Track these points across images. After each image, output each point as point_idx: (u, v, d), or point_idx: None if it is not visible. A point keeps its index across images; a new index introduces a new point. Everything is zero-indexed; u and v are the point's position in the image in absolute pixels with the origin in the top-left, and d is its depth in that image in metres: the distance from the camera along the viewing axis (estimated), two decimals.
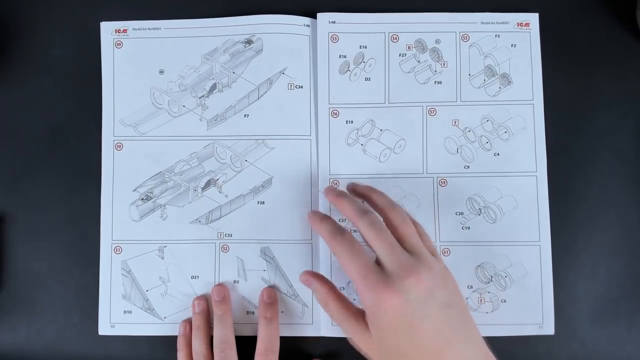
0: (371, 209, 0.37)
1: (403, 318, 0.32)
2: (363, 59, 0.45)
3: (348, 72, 0.45)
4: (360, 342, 0.36)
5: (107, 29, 0.46)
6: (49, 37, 0.47)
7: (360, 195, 0.41)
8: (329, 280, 0.39)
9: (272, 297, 0.44)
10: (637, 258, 0.44)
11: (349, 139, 0.45)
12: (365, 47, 0.45)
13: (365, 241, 0.36)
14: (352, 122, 0.45)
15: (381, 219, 0.36)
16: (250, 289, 0.45)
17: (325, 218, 0.38)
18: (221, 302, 0.43)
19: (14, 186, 0.46)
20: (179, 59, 0.46)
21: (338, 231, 0.36)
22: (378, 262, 0.35)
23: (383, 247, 0.34)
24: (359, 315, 0.36)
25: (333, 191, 0.40)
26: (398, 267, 0.33)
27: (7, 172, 0.46)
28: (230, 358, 0.41)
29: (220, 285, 0.44)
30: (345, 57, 0.45)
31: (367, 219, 0.35)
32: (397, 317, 0.32)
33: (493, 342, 0.43)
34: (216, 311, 0.43)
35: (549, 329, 0.43)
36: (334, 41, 0.45)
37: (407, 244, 0.35)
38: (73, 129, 0.46)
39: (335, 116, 0.45)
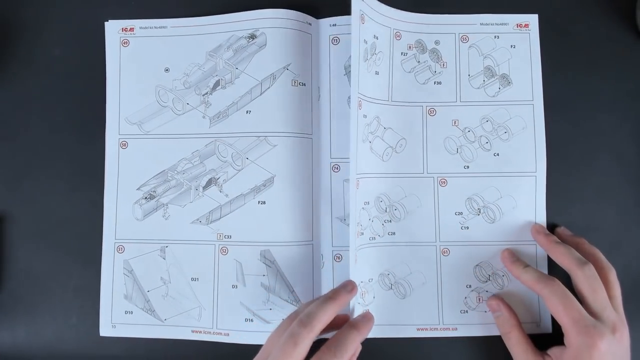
0: (588, 262, 0.39)
1: None
2: (375, 50, 0.44)
3: (366, 62, 0.44)
4: None
5: (114, 27, 0.46)
6: (51, 37, 0.47)
7: (569, 243, 0.42)
8: (514, 310, 0.42)
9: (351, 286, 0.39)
10: (637, 258, 0.44)
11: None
12: (377, 38, 0.44)
13: (578, 288, 0.39)
14: (365, 116, 0.44)
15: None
16: (249, 294, 0.44)
17: (527, 266, 0.41)
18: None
19: (14, 186, 0.46)
20: (184, 57, 0.45)
21: (547, 278, 0.39)
22: (587, 309, 0.38)
23: (601, 300, 0.38)
24: (537, 352, 0.40)
25: (546, 236, 0.42)
26: (611, 321, 0.38)
27: (7, 172, 0.46)
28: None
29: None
30: (367, 42, 0.43)
31: (588, 270, 0.39)
32: None
33: (491, 342, 0.43)
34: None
35: (546, 327, 0.43)
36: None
37: (613, 304, 0.39)
38: (74, 129, 0.46)
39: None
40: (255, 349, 0.42)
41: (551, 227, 0.44)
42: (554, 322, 0.43)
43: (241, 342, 0.43)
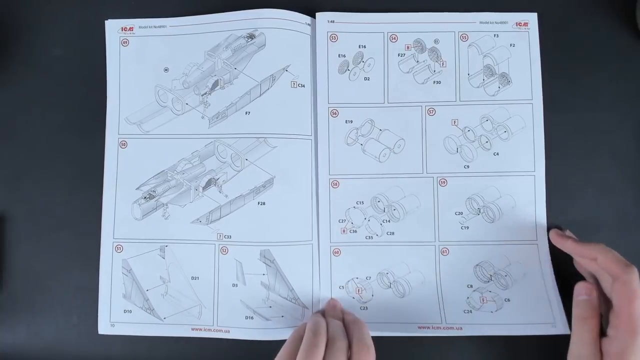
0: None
1: None
2: (362, 58, 0.45)
3: (347, 72, 0.45)
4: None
5: (113, 27, 0.46)
6: (51, 37, 0.47)
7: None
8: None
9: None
10: (636, 258, 0.44)
11: (348, 138, 0.45)
12: (365, 46, 0.45)
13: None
14: (351, 121, 0.45)
15: None
16: (249, 293, 0.44)
17: (603, 246, 0.40)
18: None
19: (14, 186, 0.46)
20: (183, 57, 0.45)
21: (627, 262, 0.38)
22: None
23: None
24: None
25: (566, 239, 0.42)
26: None
27: (7, 172, 0.46)
28: None
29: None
30: (344, 56, 0.45)
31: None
32: None
33: (495, 342, 0.43)
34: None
35: (563, 328, 0.42)
36: (333, 40, 0.45)
37: None
38: (74, 128, 0.46)
39: (334, 116, 0.45)
40: (255, 345, 0.43)
41: (550, 226, 0.44)
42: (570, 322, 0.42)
43: (242, 338, 0.44)
